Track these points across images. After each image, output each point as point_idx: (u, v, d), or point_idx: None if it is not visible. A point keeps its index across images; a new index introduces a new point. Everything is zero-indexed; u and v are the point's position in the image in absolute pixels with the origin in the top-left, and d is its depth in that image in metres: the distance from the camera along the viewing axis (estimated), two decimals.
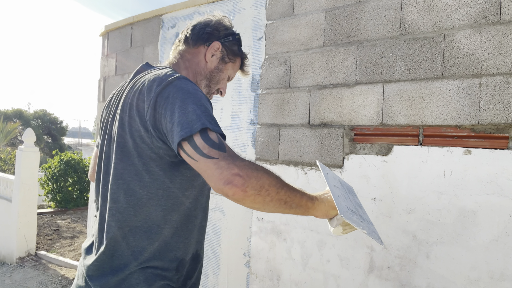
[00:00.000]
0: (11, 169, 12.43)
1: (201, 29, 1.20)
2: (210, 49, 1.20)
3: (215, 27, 1.21)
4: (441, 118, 1.74)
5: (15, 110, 22.93)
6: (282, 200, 0.93)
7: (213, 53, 1.21)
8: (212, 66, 1.21)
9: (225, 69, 1.24)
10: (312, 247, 2.14)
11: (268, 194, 0.89)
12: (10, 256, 5.16)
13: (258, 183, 0.87)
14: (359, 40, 2.02)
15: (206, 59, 1.20)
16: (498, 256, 1.58)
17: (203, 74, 1.22)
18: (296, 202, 0.97)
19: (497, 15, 1.62)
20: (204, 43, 1.20)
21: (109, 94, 3.79)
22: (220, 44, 1.21)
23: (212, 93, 1.27)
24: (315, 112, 2.18)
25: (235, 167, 0.85)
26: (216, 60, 1.22)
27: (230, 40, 1.23)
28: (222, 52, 1.22)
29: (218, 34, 1.21)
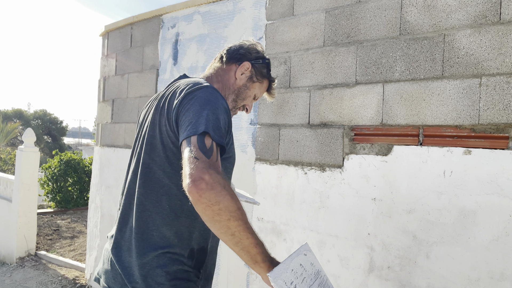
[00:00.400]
0: (11, 169, 12.43)
1: (235, 50, 1.35)
2: (241, 67, 1.33)
3: (247, 50, 1.36)
4: (441, 118, 1.74)
5: (15, 110, 22.94)
6: (230, 230, 0.92)
7: (243, 71, 1.34)
8: (241, 83, 1.34)
9: (252, 87, 1.36)
10: (312, 247, 2.14)
11: (219, 214, 0.89)
12: (10, 256, 5.16)
13: (215, 198, 0.89)
14: (359, 40, 2.02)
15: (236, 76, 1.34)
16: (498, 256, 1.58)
17: (232, 89, 1.34)
18: (245, 244, 0.94)
19: (497, 15, 1.62)
20: (236, 62, 1.34)
21: (109, 94, 3.79)
22: (250, 64, 1.34)
23: (238, 108, 1.39)
24: (315, 112, 2.18)
25: (207, 173, 0.90)
26: (244, 78, 1.35)
27: (260, 63, 1.36)
28: (251, 72, 1.35)
29: (250, 56, 1.35)
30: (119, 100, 3.64)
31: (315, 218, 2.14)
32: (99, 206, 3.79)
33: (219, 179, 0.91)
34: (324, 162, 2.12)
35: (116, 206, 3.57)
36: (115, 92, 3.70)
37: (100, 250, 3.74)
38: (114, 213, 3.58)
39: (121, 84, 3.63)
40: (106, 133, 3.79)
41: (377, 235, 1.91)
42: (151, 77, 3.28)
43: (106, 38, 3.91)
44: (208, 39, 2.82)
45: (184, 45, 3.01)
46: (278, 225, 2.30)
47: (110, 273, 1.16)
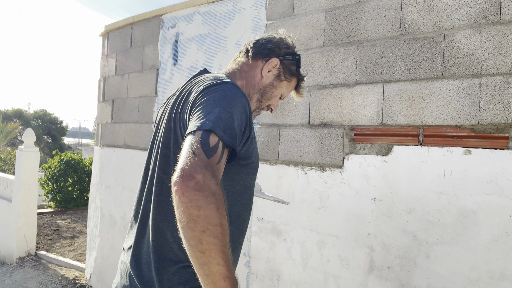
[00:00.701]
0: (11, 169, 12.43)
1: (262, 44, 1.22)
2: (268, 64, 1.20)
3: (276, 44, 1.22)
4: (441, 118, 1.74)
5: (15, 110, 22.94)
6: (201, 245, 0.75)
7: (270, 69, 1.21)
8: (267, 82, 1.22)
9: (279, 86, 1.24)
10: (312, 247, 2.14)
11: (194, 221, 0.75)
12: (10, 256, 5.15)
13: (198, 201, 0.75)
14: (359, 40, 2.02)
15: (262, 74, 1.21)
16: (498, 256, 1.58)
17: (257, 88, 1.22)
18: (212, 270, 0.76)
19: (497, 15, 1.62)
20: (263, 58, 1.21)
21: (109, 94, 3.79)
22: (279, 61, 1.21)
23: (262, 108, 1.27)
24: (315, 112, 2.18)
25: (200, 174, 0.78)
26: (271, 76, 1.22)
27: (289, 59, 1.23)
28: (279, 70, 1.22)
29: (279, 52, 1.22)
30: (119, 100, 3.64)
31: (315, 218, 2.14)
32: (99, 206, 3.79)
33: (211, 183, 0.78)
34: (324, 162, 2.12)
35: (116, 207, 3.57)
36: (115, 92, 3.70)
37: (100, 250, 3.74)
38: (114, 213, 3.58)
39: (121, 84, 3.63)
40: (106, 133, 3.79)
41: (377, 235, 1.91)
42: (151, 77, 3.28)
43: (106, 38, 3.91)
44: (208, 39, 2.82)
45: (184, 45, 3.01)
46: (278, 225, 2.30)
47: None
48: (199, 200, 0.75)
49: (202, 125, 0.86)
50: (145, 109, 3.32)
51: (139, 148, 3.35)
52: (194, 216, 0.75)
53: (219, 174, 0.84)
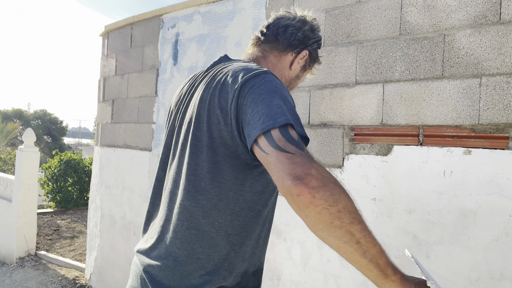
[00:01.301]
0: (11, 169, 12.43)
1: (292, 34, 1.10)
2: (298, 58, 1.12)
3: (307, 34, 1.11)
4: (441, 118, 1.74)
5: (15, 110, 22.94)
6: (354, 237, 0.71)
7: (299, 61, 1.14)
8: (294, 74, 1.16)
9: (302, 76, 1.19)
10: (312, 247, 2.14)
11: (339, 217, 0.70)
12: (10, 256, 5.15)
13: (332, 196, 0.70)
14: (359, 40, 2.02)
15: (292, 68, 1.13)
16: (498, 256, 1.58)
17: (284, 81, 1.15)
18: (372, 253, 0.73)
19: (497, 15, 1.62)
20: (293, 50, 1.11)
21: (109, 94, 3.79)
22: (308, 52, 1.13)
23: None
24: (315, 112, 2.18)
25: (312, 167, 0.71)
26: (299, 68, 1.15)
27: (315, 48, 1.15)
28: (305, 61, 1.15)
29: (308, 42, 1.12)
30: (119, 100, 3.64)
31: None
32: (99, 206, 3.79)
33: (328, 173, 0.72)
34: (324, 162, 2.12)
35: (116, 207, 3.57)
36: (115, 92, 3.70)
37: (100, 250, 3.74)
38: (114, 213, 3.58)
39: (121, 84, 3.63)
40: (106, 133, 3.79)
41: (377, 235, 1.90)
42: (151, 77, 3.28)
43: (106, 38, 3.91)
44: (208, 39, 2.82)
45: (184, 45, 3.01)
46: (278, 225, 2.30)
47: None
48: (331, 195, 0.70)
49: (275, 122, 0.78)
50: (145, 109, 3.32)
51: (139, 148, 3.35)
52: (336, 213, 0.70)
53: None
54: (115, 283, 3.55)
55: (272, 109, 0.80)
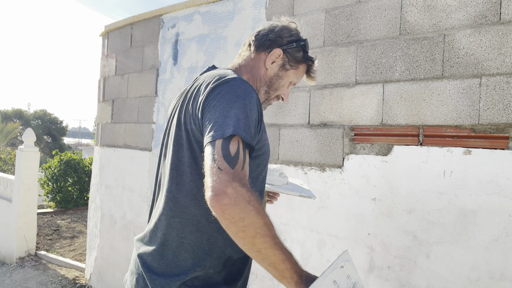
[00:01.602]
0: (11, 169, 12.43)
1: (264, 35, 1.19)
2: (271, 56, 1.19)
3: (278, 34, 1.19)
4: (441, 118, 1.74)
5: (15, 110, 22.93)
6: (255, 247, 0.85)
7: (273, 60, 1.19)
8: (272, 73, 1.21)
9: (285, 76, 1.22)
10: (312, 247, 2.14)
11: (243, 231, 0.83)
12: (10, 256, 5.15)
13: (239, 214, 0.82)
14: (359, 40, 2.02)
15: (266, 66, 1.20)
16: (498, 256, 1.58)
17: (263, 81, 1.21)
18: (272, 260, 0.86)
19: (497, 15, 1.62)
20: (265, 50, 1.19)
21: (109, 94, 3.79)
22: (282, 51, 1.19)
23: (272, 99, 1.26)
24: (315, 112, 2.18)
25: (230, 187, 0.82)
26: (276, 67, 1.20)
27: (293, 47, 1.20)
28: (283, 59, 1.20)
29: (281, 41, 1.20)
30: (119, 100, 3.64)
31: (315, 218, 2.14)
32: (99, 206, 3.79)
33: (243, 193, 0.83)
34: (324, 162, 2.12)
35: (116, 207, 3.57)
36: (115, 92, 3.70)
37: (100, 250, 3.74)
38: (114, 213, 3.58)
39: (121, 84, 3.63)
40: (106, 133, 3.79)
41: (377, 235, 1.91)
42: (151, 77, 3.28)
43: (106, 38, 3.91)
44: (208, 39, 2.82)
45: (184, 45, 3.01)
46: (278, 225, 2.30)
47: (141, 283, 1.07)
48: (240, 213, 0.82)
49: (223, 133, 0.88)
50: (145, 109, 3.32)
51: (139, 148, 3.35)
52: (241, 227, 0.83)
53: (246, 177, 0.88)
54: (115, 283, 3.55)
55: (225, 119, 0.90)
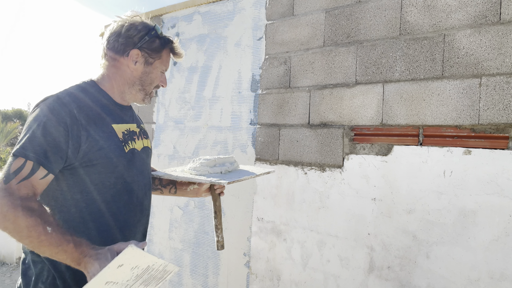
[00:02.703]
0: None
1: (115, 42, 1.19)
2: (130, 58, 1.20)
3: (127, 35, 1.19)
4: (441, 118, 1.74)
5: (15, 110, 22.93)
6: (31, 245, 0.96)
7: (135, 60, 1.20)
8: (140, 73, 1.23)
9: (153, 68, 1.24)
10: (312, 247, 2.14)
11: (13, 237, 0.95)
12: (10, 256, 5.16)
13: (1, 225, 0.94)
14: (359, 40, 2.02)
15: (130, 69, 1.21)
16: (498, 256, 1.58)
17: (133, 81, 1.24)
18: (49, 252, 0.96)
19: (497, 15, 1.62)
20: (122, 55, 1.20)
21: None
22: (138, 49, 1.20)
23: (151, 92, 1.30)
24: (315, 112, 2.18)
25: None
26: (141, 66, 1.22)
27: (146, 41, 1.20)
28: (143, 56, 1.21)
29: (133, 41, 1.19)
30: None
31: (315, 218, 2.14)
32: None
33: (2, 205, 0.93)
34: (324, 162, 2.12)
35: None
36: None
37: None
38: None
39: None
40: None
41: (377, 235, 1.91)
42: None
43: None
44: (208, 39, 2.82)
45: (184, 45, 3.01)
46: (278, 225, 2.30)
47: None
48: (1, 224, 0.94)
49: (13, 151, 1.01)
50: (145, 109, 3.32)
51: None
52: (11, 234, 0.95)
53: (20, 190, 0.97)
54: None
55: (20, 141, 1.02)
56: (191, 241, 2.79)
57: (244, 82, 2.56)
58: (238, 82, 2.59)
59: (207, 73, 2.81)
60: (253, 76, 2.50)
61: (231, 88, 2.62)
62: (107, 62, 1.22)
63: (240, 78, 2.58)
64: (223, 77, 2.70)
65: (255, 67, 2.49)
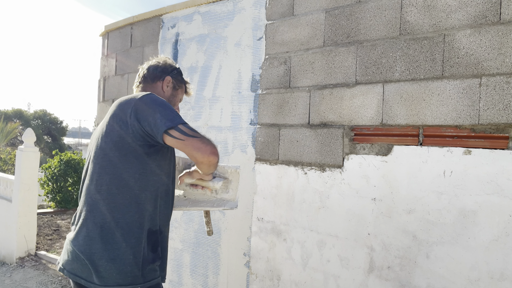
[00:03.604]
0: (11, 169, 12.42)
1: (154, 70, 1.63)
2: (165, 82, 1.63)
3: (164, 67, 1.65)
4: (441, 118, 1.74)
5: (15, 110, 22.92)
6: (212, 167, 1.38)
7: (167, 84, 1.64)
8: (169, 94, 1.65)
9: (177, 94, 1.68)
10: (312, 247, 2.14)
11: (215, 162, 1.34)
12: (10, 256, 5.15)
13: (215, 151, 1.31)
14: (359, 40, 2.02)
15: (164, 90, 1.63)
16: (498, 256, 1.58)
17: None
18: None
19: (497, 15, 1.62)
20: (159, 79, 1.63)
21: (109, 94, 3.79)
22: (171, 77, 1.64)
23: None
24: (315, 112, 2.18)
25: (212, 143, 1.30)
26: (170, 90, 1.65)
27: (176, 73, 1.66)
28: (173, 83, 1.65)
29: (167, 71, 1.65)
30: None
31: (315, 218, 2.14)
32: None
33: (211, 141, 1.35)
34: (324, 162, 2.12)
35: None
36: (115, 92, 3.70)
37: None
38: None
39: (121, 84, 3.63)
40: None
41: (377, 235, 1.91)
42: None
43: (106, 38, 3.91)
44: (208, 39, 2.82)
45: (184, 45, 3.01)
46: (278, 225, 2.30)
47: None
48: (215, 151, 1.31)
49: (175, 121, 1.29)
50: None
51: None
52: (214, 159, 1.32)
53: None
54: None
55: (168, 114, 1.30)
56: (191, 241, 2.79)
57: (244, 82, 2.56)
58: (238, 82, 2.59)
59: (207, 73, 2.81)
60: (253, 76, 2.50)
61: (231, 88, 2.62)
62: (144, 84, 1.63)
63: (240, 78, 2.58)
64: (223, 77, 2.70)
65: (255, 67, 2.49)
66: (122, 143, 1.33)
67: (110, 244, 1.29)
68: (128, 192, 1.33)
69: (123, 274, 1.28)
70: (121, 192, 1.32)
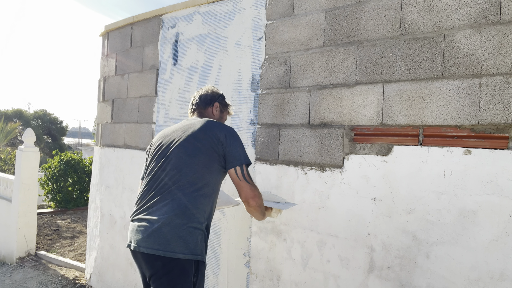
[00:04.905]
0: (11, 169, 12.42)
1: (205, 98, 2.02)
2: (214, 107, 2.04)
3: (213, 95, 2.04)
4: (441, 118, 1.74)
5: (15, 110, 22.92)
6: (262, 211, 1.88)
7: (216, 109, 2.04)
8: (217, 116, 2.05)
9: (223, 115, 2.10)
10: (312, 247, 2.14)
11: (260, 211, 1.85)
12: (10, 256, 5.15)
13: (259, 202, 1.80)
14: (359, 40, 2.02)
15: (213, 113, 2.04)
16: (498, 256, 1.58)
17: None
18: (263, 210, 1.91)
19: (497, 15, 1.62)
20: (209, 105, 2.03)
21: (109, 94, 3.79)
22: (218, 103, 2.05)
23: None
24: (315, 112, 2.18)
25: (256, 191, 1.77)
26: (218, 113, 2.05)
27: (221, 99, 2.07)
28: (220, 107, 2.06)
29: (215, 98, 2.05)
30: (119, 100, 3.64)
31: (315, 218, 2.14)
32: (99, 206, 3.79)
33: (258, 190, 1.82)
34: (324, 162, 2.12)
35: (116, 207, 3.57)
36: (115, 92, 3.70)
37: (100, 250, 3.74)
38: (114, 213, 3.58)
39: (121, 84, 3.63)
40: (106, 133, 3.79)
41: (377, 235, 1.91)
42: (151, 77, 3.28)
43: (106, 38, 3.91)
44: (208, 39, 2.82)
45: (184, 45, 3.01)
46: (278, 225, 2.30)
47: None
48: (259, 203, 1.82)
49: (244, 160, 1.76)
50: (145, 109, 3.32)
51: (139, 148, 3.35)
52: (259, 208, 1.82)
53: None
54: (115, 283, 3.55)
55: (241, 151, 1.78)
56: None
57: (244, 82, 2.56)
58: (238, 82, 2.59)
59: (207, 73, 2.81)
60: (253, 76, 2.50)
61: (231, 88, 2.62)
62: (198, 110, 2.02)
63: (240, 78, 2.58)
64: (223, 77, 2.70)
65: (255, 67, 2.49)
66: (211, 153, 1.72)
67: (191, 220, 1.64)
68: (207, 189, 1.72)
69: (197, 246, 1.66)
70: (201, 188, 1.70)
